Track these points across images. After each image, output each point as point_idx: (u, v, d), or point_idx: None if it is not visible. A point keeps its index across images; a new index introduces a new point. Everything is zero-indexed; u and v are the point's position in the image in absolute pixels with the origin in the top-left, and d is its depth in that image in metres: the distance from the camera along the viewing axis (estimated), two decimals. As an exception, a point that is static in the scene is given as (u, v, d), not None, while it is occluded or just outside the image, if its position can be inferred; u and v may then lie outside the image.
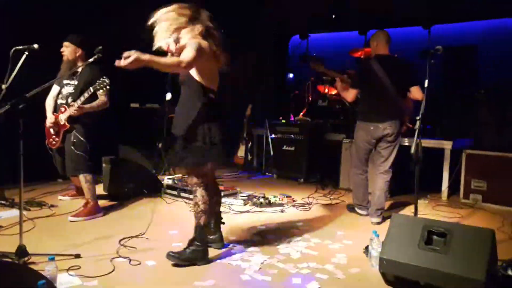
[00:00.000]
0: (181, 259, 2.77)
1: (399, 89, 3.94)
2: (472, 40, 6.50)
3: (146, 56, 2.35)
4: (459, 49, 6.33)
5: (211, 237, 3.09)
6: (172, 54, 2.68)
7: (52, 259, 2.30)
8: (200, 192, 2.81)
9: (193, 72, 2.71)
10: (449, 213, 4.48)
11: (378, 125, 3.93)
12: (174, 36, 2.67)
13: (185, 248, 2.81)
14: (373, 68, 3.95)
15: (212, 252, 3.00)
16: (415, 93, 3.92)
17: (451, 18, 6.73)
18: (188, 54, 2.53)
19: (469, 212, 4.57)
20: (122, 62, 2.29)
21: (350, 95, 4.15)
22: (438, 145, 5.18)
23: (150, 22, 2.65)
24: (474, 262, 2.28)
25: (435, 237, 2.49)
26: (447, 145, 5.13)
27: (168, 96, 5.35)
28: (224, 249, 3.13)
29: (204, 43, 2.66)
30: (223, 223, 3.19)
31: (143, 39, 2.72)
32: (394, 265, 2.50)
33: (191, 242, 2.82)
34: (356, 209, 4.27)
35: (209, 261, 2.87)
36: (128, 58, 2.29)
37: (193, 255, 2.79)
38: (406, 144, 5.34)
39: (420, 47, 6.75)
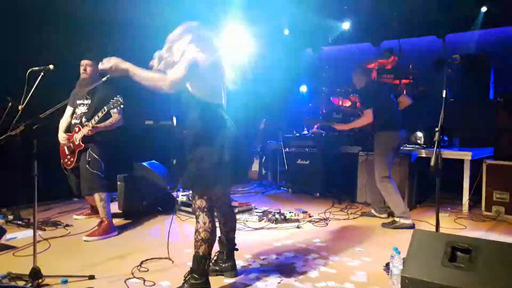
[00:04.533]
0: None
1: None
2: (486, 47, 6.39)
3: (125, 65, 2.31)
4: (474, 57, 6.22)
5: (223, 265, 2.90)
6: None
7: (65, 282, 2.26)
8: (202, 218, 2.52)
9: (195, 90, 2.50)
10: (471, 226, 4.33)
11: (403, 132, 4.42)
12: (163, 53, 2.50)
13: (183, 283, 2.55)
14: (379, 87, 4.53)
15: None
16: (405, 101, 4.61)
17: (464, 26, 6.63)
18: (175, 74, 2.33)
19: (492, 225, 4.42)
20: (100, 65, 2.34)
21: (369, 116, 4.36)
22: (457, 156, 5.04)
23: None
24: (502, 280, 2.16)
25: (459, 253, 2.38)
26: (467, 155, 5.00)
27: (174, 121, 5.34)
28: (240, 268, 3.06)
29: (201, 57, 2.43)
30: (237, 249, 2.98)
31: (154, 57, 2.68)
32: (417, 283, 2.39)
33: (188, 275, 2.56)
34: (401, 220, 4.21)
35: None
36: (109, 62, 2.32)
37: None
38: (424, 155, 5.25)
39: (435, 56, 6.72)
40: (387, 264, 2.93)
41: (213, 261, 2.88)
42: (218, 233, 2.82)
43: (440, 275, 2.33)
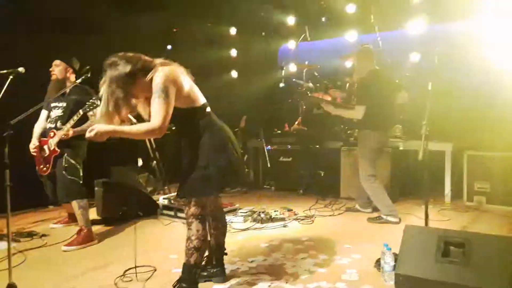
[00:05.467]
0: None
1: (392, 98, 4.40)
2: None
3: (109, 128, 2.19)
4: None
5: (212, 270, 2.80)
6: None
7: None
8: (195, 226, 2.42)
9: (178, 103, 2.32)
10: (455, 217, 4.36)
11: (388, 132, 4.34)
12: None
13: None
14: (376, 83, 4.19)
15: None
16: (403, 98, 4.57)
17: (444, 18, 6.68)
18: (157, 117, 2.17)
19: (476, 215, 4.46)
20: (87, 135, 2.21)
21: (359, 113, 4.18)
22: (439, 147, 5.08)
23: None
24: (497, 274, 2.15)
25: (452, 248, 2.36)
26: (448, 147, 5.03)
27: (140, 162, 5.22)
28: (228, 272, 2.96)
29: (170, 69, 2.29)
30: (226, 254, 2.89)
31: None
32: (411, 281, 2.36)
33: (177, 284, 2.47)
34: (388, 218, 4.17)
35: None
36: (91, 132, 2.19)
37: None
38: (402, 148, 5.27)
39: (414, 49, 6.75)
40: (378, 261, 2.89)
41: (202, 265, 2.76)
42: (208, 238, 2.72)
43: (434, 271, 2.31)
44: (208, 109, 2.51)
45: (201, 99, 2.49)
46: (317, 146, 5.87)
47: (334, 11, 7.01)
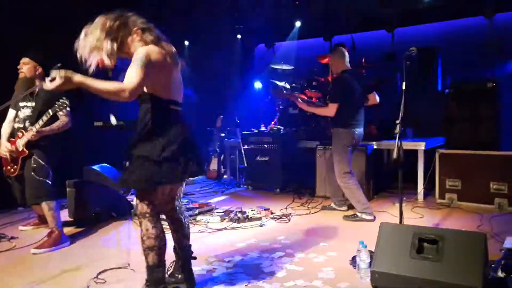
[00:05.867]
0: None
1: (364, 98, 4.49)
2: (434, 41, 6.62)
3: (77, 78, 2.07)
4: (422, 49, 6.42)
5: (179, 276, 2.66)
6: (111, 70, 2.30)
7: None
8: (144, 225, 2.32)
9: (148, 85, 2.27)
10: (428, 214, 4.46)
11: (361, 130, 4.40)
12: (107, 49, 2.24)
13: None
14: (350, 82, 4.32)
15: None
16: (373, 99, 4.54)
17: (414, 20, 6.84)
18: (131, 79, 2.10)
19: (447, 212, 4.57)
20: (47, 85, 2.06)
21: (332, 110, 4.29)
22: (412, 146, 5.18)
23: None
24: (469, 268, 2.20)
25: (426, 244, 2.40)
26: (420, 145, 5.14)
27: (113, 120, 5.06)
28: (205, 272, 2.93)
29: (154, 50, 2.25)
30: (194, 258, 2.71)
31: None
32: (387, 277, 2.39)
33: (145, 285, 2.39)
34: (363, 216, 4.21)
35: None
36: (54, 80, 2.05)
37: None
38: (382, 147, 5.36)
39: (385, 50, 6.89)
40: (353, 258, 2.92)
41: (168, 272, 2.68)
42: (171, 241, 2.63)
43: (409, 267, 2.34)
44: (176, 107, 2.39)
45: (174, 95, 2.39)
46: (293, 145, 5.90)
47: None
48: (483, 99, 4.86)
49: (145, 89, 2.27)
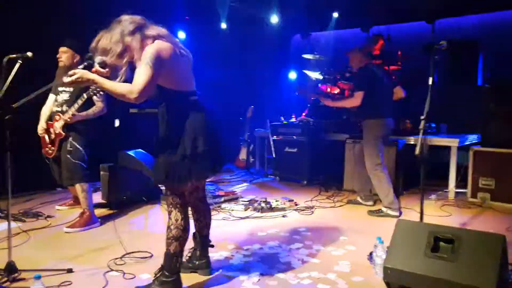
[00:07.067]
0: None
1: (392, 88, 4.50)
2: (476, 34, 6.33)
3: (91, 76, 2.22)
4: (462, 42, 6.16)
5: (197, 262, 2.77)
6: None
7: (38, 278, 2.19)
8: (174, 215, 2.42)
9: (161, 81, 2.28)
10: (456, 213, 4.34)
11: (391, 120, 4.37)
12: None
13: (153, 280, 2.45)
14: (375, 71, 4.34)
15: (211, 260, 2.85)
16: (399, 93, 4.56)
17: (454, 11, 6.56)
18: (139, 80, 2.13)
19: (478, 212, 4.42)
20: (65, 80, 2.26)
21: (358, 99, 4.24)
22: (444, 142, 5.03)
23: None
24: (483, 270, 2.15)
25: (442, 243, 2.36)
26: (454, 142, 4.98)
27: (117, 123, 5.21)
28: (223, 258, 3.02)
29: (164, 46, 2.27)
30: (212, 246, 2.83)
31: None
32: (400, 274, 2.37)
33: (159, 271, 2.45)
34: (389, 211, 4.18)
35: None
36: (72, 75, 2.23)
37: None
38: (412, 143, 5.23)
39: (424, 42, 6.65)
40: (371, 253, 2.91)
41: (187, 257, 2.79)
42: (193, 229, 2.73)
43: (422, 265, 2.32)
44: (194, 97, 2.44)
45: (189, 85, 2.44)
46: (323, 137, 5.87)
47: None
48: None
49: (163, 85, 2.31)
